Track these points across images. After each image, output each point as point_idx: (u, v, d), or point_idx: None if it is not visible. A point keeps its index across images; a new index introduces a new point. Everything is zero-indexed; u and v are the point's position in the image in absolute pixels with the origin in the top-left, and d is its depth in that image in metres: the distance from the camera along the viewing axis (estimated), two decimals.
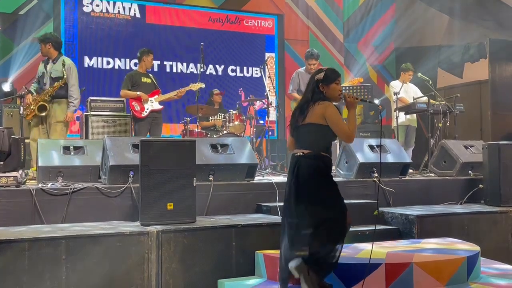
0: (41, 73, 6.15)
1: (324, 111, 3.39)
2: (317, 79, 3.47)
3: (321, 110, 3.39)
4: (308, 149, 3.39)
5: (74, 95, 6.08)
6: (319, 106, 3.41)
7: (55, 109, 6.02)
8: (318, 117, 3.39)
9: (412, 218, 4.61)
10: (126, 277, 3.64)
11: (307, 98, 3.49)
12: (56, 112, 6.02)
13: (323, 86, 3.46)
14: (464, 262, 3.69)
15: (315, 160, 3.37)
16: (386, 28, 11.25)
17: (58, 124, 6.01)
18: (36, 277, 3.39)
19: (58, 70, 6.07)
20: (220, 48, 10.06)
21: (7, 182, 4.21)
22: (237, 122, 7.38)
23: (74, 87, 6.09)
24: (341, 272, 3.50)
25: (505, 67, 9.11)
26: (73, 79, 6.09)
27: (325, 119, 3.38)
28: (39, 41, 6.25)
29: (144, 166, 3.95)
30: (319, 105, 3.42)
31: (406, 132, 7.71)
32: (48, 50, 6.13)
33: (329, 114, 3.38)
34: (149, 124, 6.77)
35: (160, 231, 3.76)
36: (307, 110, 3.43)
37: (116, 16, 9.32)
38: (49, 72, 6.08)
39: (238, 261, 3.95)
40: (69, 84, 6.07)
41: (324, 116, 3.38)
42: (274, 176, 6.11)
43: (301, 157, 3.39)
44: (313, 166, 3.35)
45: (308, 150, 3.39)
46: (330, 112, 3.38)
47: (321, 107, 3.40)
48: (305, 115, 3.43)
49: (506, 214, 4.99)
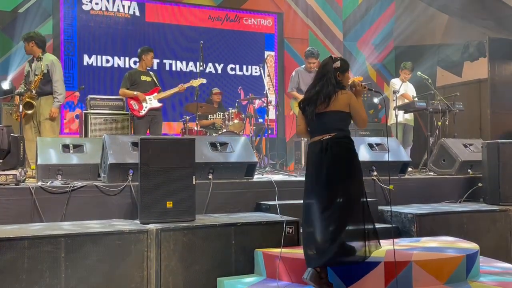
0: (27, 72, 6.14)
1: (349, 100, 3.60)
2: (335, 67, 3.64)
3: (346, 99, 3.59)
4: (335, 133, 3.54)
5: (59, 91, 6.08)
6: (344, 96, 3.60)
7: (42, 106, 6.01)
8: (343, 105, 3.58)
9: (411, 216, 4.61)
10: (125, 275, 3.64)
11: (331, 87, 3.58)
12: (44, 109, 6.02)
13: (339, 75, 3.65)
14: (463, 261, 3.69)
15: (346, 141, 3.56)
16: (385, 27, 11.24)
17: (46, 121, 6.02)
18: (36, 275, 3.39)
19: (42, 68, 6.09)
20: (219, 46, 10.05)
21: (7, 180, 4.20)
22: (236, 120, 7.38)
23: (58, 83, 6.09)
24: (340, 270, 3.51)
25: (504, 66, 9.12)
26: (57, 75, 6.08)
27: (349, 107, 3.59)
28: (22, 40, 6.22)
29: (143, 164, 3.95)
30: (343, 94, 3.61)
31: (404, 131, 7.72)
32: (31, 48, 6.11)
33: (354, 102, 3.61)
34: (148, 123, 6.77)
35: (159, 229, 3.76)
36: (331, 98, 3.57)
37: (115, 14, 9.31)
38: (33, 70, 6.08)
39: (238, 259, 3.95)
40: (53, 79, 6.07)
41: (349, 104, 3.59)
42: (273, 175, 6.12)
43: (330, 139, 3.52)
44: (345, 147, 3.54)
45: (335, 133, 3.54)
46: (354, 101, 3.63)
47: (346, 96, 3.61)
48: (328, 103, 3.57)
49: (505, 212, 4.99)
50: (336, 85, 3.61)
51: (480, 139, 6.72)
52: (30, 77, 6.09)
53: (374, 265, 3.49)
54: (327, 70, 3.64)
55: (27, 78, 6.13)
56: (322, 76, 3.65)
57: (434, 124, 7.14)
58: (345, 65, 3.69)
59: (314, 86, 3.66)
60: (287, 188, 4.99)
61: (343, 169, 3.48)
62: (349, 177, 3.51)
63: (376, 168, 5.35)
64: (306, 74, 7.14)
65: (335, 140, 3.52)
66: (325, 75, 3.63)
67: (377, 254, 3.59)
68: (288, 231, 4.05)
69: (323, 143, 3.53)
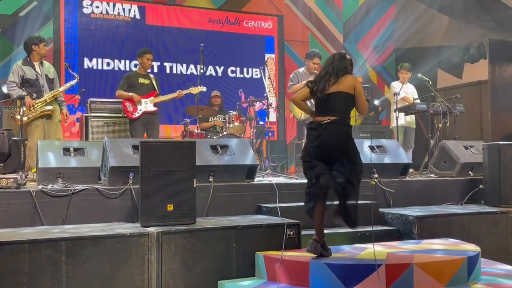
0: (34, 76, 6.00)
1: (355, 83, 3.83)
2: (349, 58, 3.91)
3: (352, 81, 3.82)
4: (337, 116, 3.75)
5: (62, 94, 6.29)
6: (350, 78, 3.83)
7: (55, 110, 6.07)
8: (349, 87, 3.80)
9: (412, 218, 4.61)
10: (126, 278, 3.64)
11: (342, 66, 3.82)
12: (56, 112, 6.08)
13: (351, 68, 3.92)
14: (464, 263, 3.69)
15: (344, 126, 3.78)
16: (385, 29, 11.25)
17: (59, 123, 6.15)
18: (36, 278, 3.39)
19: (51, 72, 6.17)
20: (220, 49, 10.05)
21: (7, 183, 4.21)
22: (237, 123, 7.38)
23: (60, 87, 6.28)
24: (341, 272, 3.51)
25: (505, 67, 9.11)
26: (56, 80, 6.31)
27: (354, 90, 3.80)
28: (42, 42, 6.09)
29: (144, 167, 3.96)
30: (349, 76, 3.84)
31: (405, 133, 7.71)
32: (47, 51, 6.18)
33: (359, 86, 3.85)
34: (145, 126, 6.70)
35: (160, 232, 3.76)
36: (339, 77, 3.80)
37: (116, 17, 9.31)
38: (42, 74, 6.07)
39: (238, 262, 3.95)
40: (57, 84, 6.24)
41: (355, 86, 3.81)
42: (274, 177, 6.11)
43: (330, 123, 3.73)
44: (343, 130, 3.76)
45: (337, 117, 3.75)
46: (359, 84, 3.87)
47: (353, 79, 3.85)
48: (336, 81, 3.79)
49: (506, 214, 4.99)
50: (346, 69, 3.83)
51: (481, 141, 6.71)
52: (41, 81, 6.02)
53: (375, 267, 3.48)
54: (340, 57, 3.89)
55: (36, 82, 5.98)
56: (333, 61, 3.88)
57: (435, 126, 7.14)
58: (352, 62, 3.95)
59: (325, 69, 3.88)
60: (288, 191, 4.99)
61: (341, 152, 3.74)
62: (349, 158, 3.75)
63: (376, 170, 5.34)
64: (306, 76, 7.13)
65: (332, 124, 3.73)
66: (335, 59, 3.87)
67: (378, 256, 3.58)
68: (289, 234, 4.05)
69: (323, 125, 3.74)
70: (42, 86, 6.03)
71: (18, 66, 6.02)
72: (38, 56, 6.09)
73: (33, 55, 6.07)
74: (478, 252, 3.92)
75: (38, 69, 6.08)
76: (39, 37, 6.17)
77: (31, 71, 6.02)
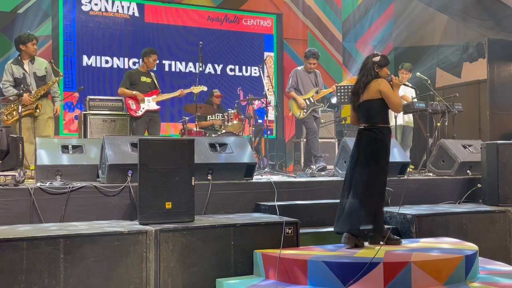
0: (22, 75, 6.01)
1: (379, 86, 4.00)
2: (374, 61, 4.07)
3: (376, 86, 4.01)
4: (366, 124, 4.04)
5: (58, 90, 6.31)
6: (374, 83, 4.03)
7: (44, 106, 6.08)
8: (374, 93, 4.00)
9: (410, 217, 4.61)
10: (124, 276, 3.64)
11: (369, 77, 4.05)
12: (46, 108, 6.10)
13: (378, 68, 4.07)
14: (462, 262, 3.69)
15: (373, 132, 4.00)
16: (384, 28, 11.26)
17: (50, 120, 6.14)
18: (34, 276, 3.39)
19: (41, 69, 6.13)
20: (219, 47, 10.06)
21: (5, 181, 4.20)
22: (235, 121, 7.38)
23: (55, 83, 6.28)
24: (339, 271, 3.51)
25: (503, 67, 9.13)
26: (52, 75, 6.31)
27: (380, 93, 3.99)
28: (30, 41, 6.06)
29: (142, 165, 3.95)
30: (373, 82, 4.03)
31: (403, 132, 7.72)
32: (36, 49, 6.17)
33: (383, 88, 4.00)
34: (146, 124, 6.76)
35: (158, 230, 3.76)
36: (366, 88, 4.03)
37: (114, 15, 9.31)
38: (32, 72, 6.07)
39: (237, 260, 3.95)
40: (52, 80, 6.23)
41: (379, 90, 3.99)
42: (272, 176, 6.12)
43: (362, 130, 4.06)
44: (371, 137, 3.99)
45: (367, 124, 4.04)
46: (384, 85, 4.02)
47: (375, 84, 4.02)
48: (363, 92, 4.04)
49: (504, 213, 4.99)
50: (374, 76, 4.04)
51: (479, 140, 6.72)
52: (28, 80, 6.03)
53: (373, 266, 3.48)
54: (367, 62, 4.11)
55: (22, 81, 5.98)
56: (363, 67, 4.13)
57: (434, 125, 7.14)
58: (384, 61, 4.09)
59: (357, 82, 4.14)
60: (286, 189, 4.99)
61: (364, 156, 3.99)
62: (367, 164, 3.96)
63: None
64: (305, 75, 7.15)
65: (364, 131, 4.03)
66: (365, 66, 4.10)
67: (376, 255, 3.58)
68: (287, 232, 4.05)
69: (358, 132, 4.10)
70: (29, 84, 6.04)
71: (8, 65, 6.10)
72: (28, 55, 6.10)
73: (22, 54, 6.11)
74: (476, 251, 3.92)
75: (27, 67, 6.09)
76: (27, 36, 6.13)
77: (19, 69, 6.07)
